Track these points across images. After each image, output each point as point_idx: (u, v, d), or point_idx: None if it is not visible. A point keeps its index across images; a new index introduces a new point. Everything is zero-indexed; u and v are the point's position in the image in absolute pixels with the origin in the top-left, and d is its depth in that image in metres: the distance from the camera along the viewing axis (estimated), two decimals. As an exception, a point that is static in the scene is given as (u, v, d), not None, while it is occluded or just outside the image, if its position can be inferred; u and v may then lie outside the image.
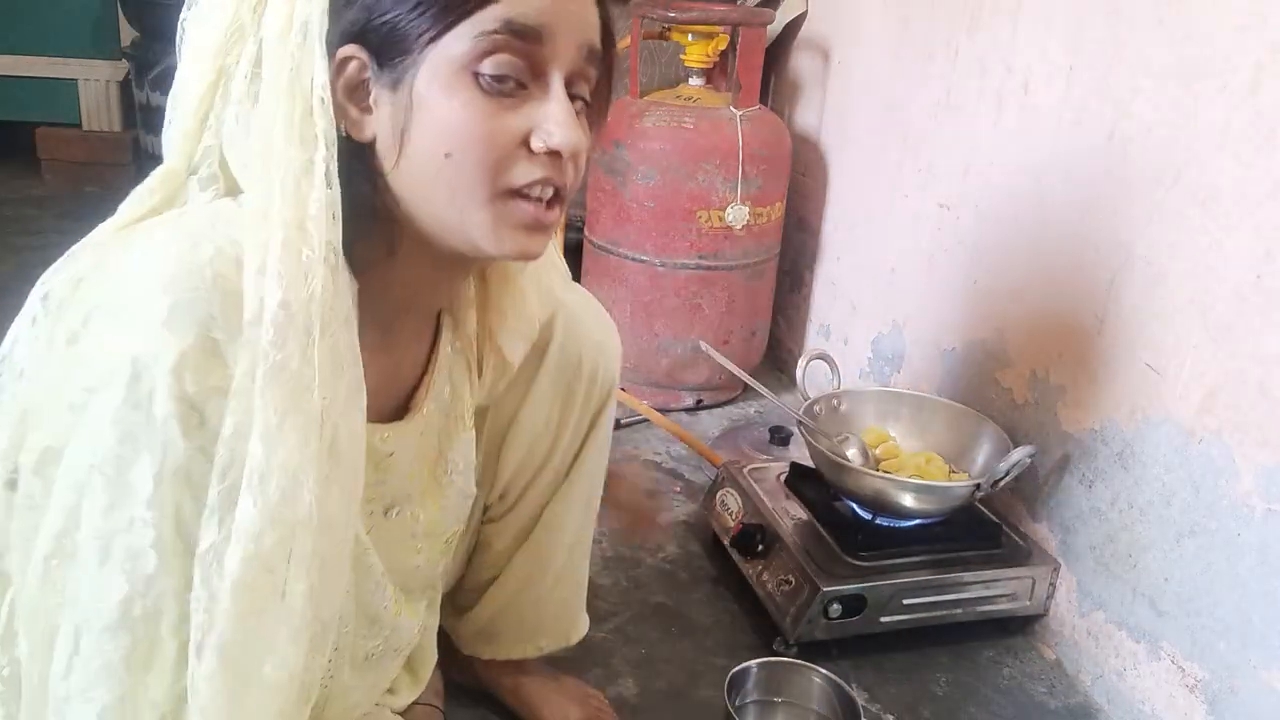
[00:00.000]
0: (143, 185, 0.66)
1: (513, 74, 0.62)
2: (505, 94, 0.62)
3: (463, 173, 0.62)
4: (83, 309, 0.58)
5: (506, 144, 0.63)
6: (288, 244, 0.58)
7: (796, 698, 1.11)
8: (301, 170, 0.59)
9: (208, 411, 0.56)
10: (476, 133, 0.62)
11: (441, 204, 0.63)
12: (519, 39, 0.61)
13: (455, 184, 0.63)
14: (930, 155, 1.58)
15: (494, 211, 0.64)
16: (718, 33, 1.78)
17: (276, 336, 0.57)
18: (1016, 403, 1.39)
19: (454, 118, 0.61)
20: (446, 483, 0.87)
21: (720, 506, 1.42)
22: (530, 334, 0.89)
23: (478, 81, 0.61)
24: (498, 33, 0.60)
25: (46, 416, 0.58)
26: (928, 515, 1.28)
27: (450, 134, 0.62)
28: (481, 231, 0.64)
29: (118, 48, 2.90)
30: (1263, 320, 1.01)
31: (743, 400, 1.96)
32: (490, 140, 0.62)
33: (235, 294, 0.56)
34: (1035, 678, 1.27)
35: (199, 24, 0.64)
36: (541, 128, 0.63)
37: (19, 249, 2.44)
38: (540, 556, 1.04)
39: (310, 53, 0.60)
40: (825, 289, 1.96)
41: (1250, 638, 1.03)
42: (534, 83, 0.63)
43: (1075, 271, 1.26)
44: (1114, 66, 1.19)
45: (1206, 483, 1.08)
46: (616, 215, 1.79)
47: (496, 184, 0.63)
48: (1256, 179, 1.01)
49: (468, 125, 0.61)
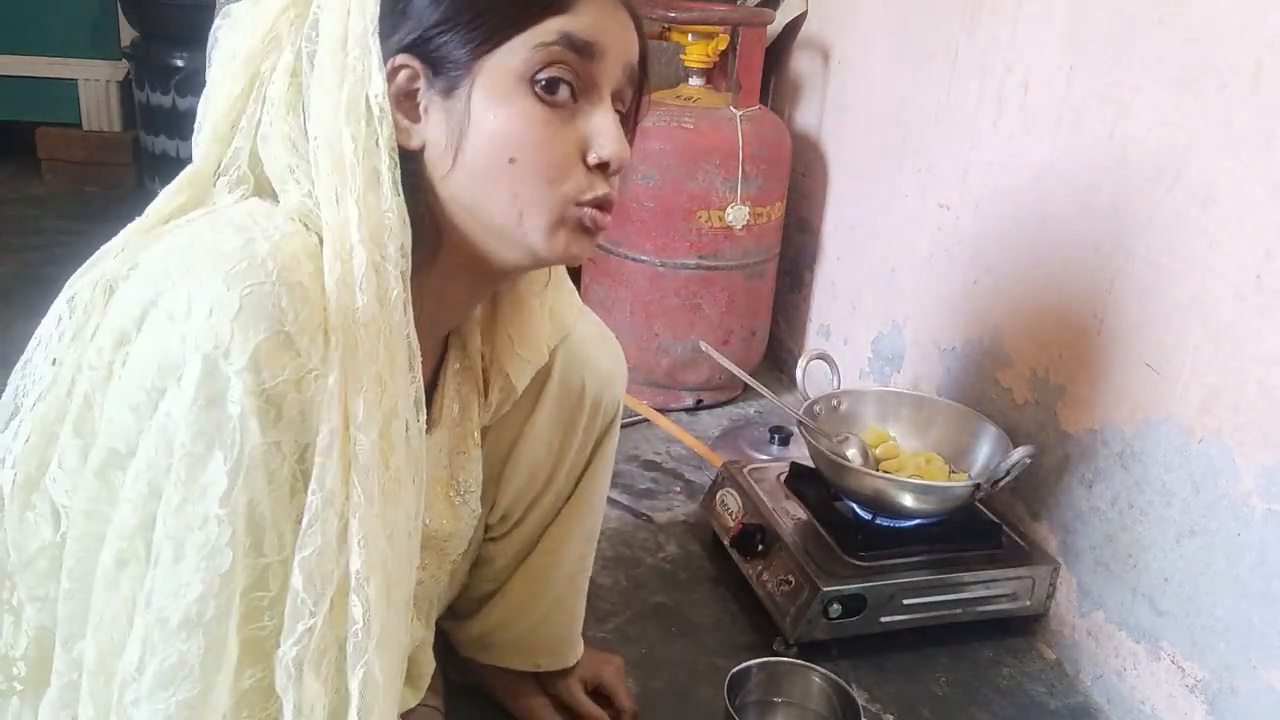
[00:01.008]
0: (169, 186, 0.66)
1: (566, 85, 0.64)
2: (560, 105, 0.64)
3: (524, 178, 0.64)
4: (131, 310, 0.57)
5: (566, 152, 0.65)
6: (368, 254, 0.59)
7: (796, 698, 1.11)
8: (368, 181, 0.60)
9: (284, 406, 0.56)
10: (538, 138, 0.64)
11: (501, 207, 0.65)
12: (575, 52, 0.63)
13: (518, 188, 0.64)
14: (930, 155, 1.58)
15: (555, 215, 0.66)
16: (718, 33, 1.78)
17: (368, 346, 0.58)
18: (1016, 403, 1.39)
19: (514, 125, 0.63)
20: (459, 504, 0.88)
21: (720, 506, 1.42)
22: (539, 359, 0.89)
23: (534, 90, 0.63)
24: (555, 44, 0.62)
25: (101, 420, 0.58)
26: (928, 515, 1.28)
27: (513, 140, 0.63)
28: (539, 234, 0.66)
29: (118, 48, 2.89)
30: (1263, 320, 1.01)
31: (743, 400, 1.96)
32: (551, 146, 0.64)
33: (300, 286, 0.56)
34: (1035, 678, 1.27)
35: (234, 30, 0.65)
36: (595, 140, 0.65)
37: (19, 249, 2.44)
38: (539, 580, 1.04)
39: (369, 64, 0.61)
40: (825, 289, 1.96)
41: (1250, 638, 1.03)
42: (584, 97, 0.66)
43: (1075, 271, 1.26)
44: (1114, 66, 1.19)
45: (1206, 483, 1.08)
46: (616, 215, 1.77)
47: (559, 189, 0.65)
48: (1256, 179, 1.01)
49: (529, 132, 0.63)
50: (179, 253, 0.58)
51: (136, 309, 0.57)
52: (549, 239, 0.66)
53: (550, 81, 0.63)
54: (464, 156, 0.64)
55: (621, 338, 1.93)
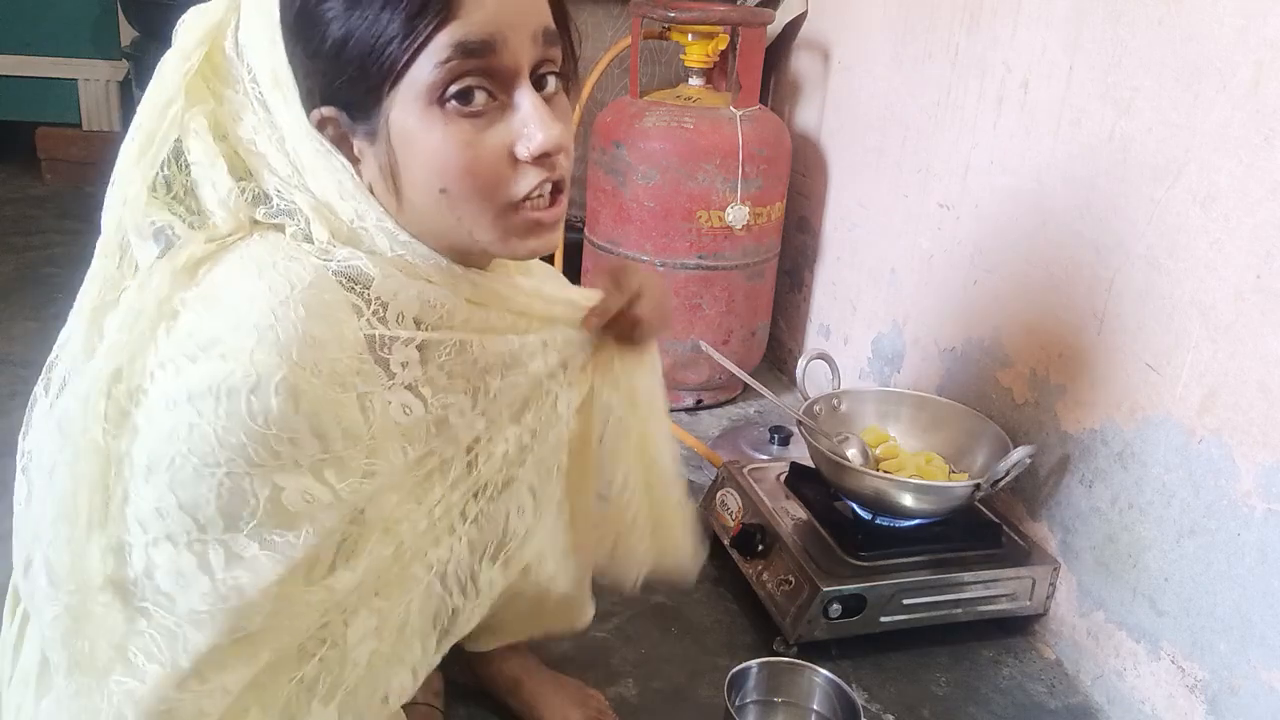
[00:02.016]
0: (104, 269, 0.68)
1: (478, 90, 0.63)
2: (478, 113, 0.63)
3: (460, 203, 0.65)
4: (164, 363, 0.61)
5: (494, 163, 0.64)
6: (414, 284, 0.66)
7: (796, 698, 1.11)
8: (377, 218, 0.66)
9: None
10: (461, 163, 0.63)
11: (451, 228, 0.66)
12: (474, 57, 0.61)
13: (458, 213, 0.65)
14: (930, 155, 1.58)
15: (502, 226, 0.66)
16: (718, 33, 1.78)
17: (418, 371, 0.65)
18: (1016, 403, 1.39)
19: (437, 154, 0.63)
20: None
21: (720, 506, 1.42)
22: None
23: (448, 109, 0.62)
24: (451, 59, 0.61)
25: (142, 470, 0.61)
26: (928, 515, 1.28)
27: (437, 170, 0.63)
28: (494, 245, 0.67)
29: (118, 48, 2.90)
30: (1263, 320, 1.01)
31: (743, 400, 1.96)
32: (477, 165, 0.64)
33: (336, 319, 0.61)
34: (1035, 678, 1.27)
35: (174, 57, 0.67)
36: (522, 135, 0.64)
37: (19, 249, 2.44)
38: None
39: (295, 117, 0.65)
40: (825, 289, 1.96)
41: (1250, 638, 1.03)
42: (503, 91, 0.64)
43: (1075, 271, 1.26)
44: (1114, 66, 1.19)
45: (1206, 483, 1.08)
46: (616, 215, 1.79)
47: (496, 202, 0.65)
48: (1256, 179, 1.01)
49: (451, 158, 0.63)
50: (211, 307, 0.62)
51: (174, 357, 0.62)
52: (505, 246, 0.68)
53: (460, 94, 0.62)
54: (404, 193, 0.65)
55: (621, 338, 1.91)
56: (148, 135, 0.65)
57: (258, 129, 0.66)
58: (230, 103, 0.66)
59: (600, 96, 2.04)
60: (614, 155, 1.76)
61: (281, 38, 0.64)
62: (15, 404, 1.64)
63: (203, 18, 0.67)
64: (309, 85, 0.64)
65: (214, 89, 0.66)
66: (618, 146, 1.75)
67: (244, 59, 0.65)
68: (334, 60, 0.62)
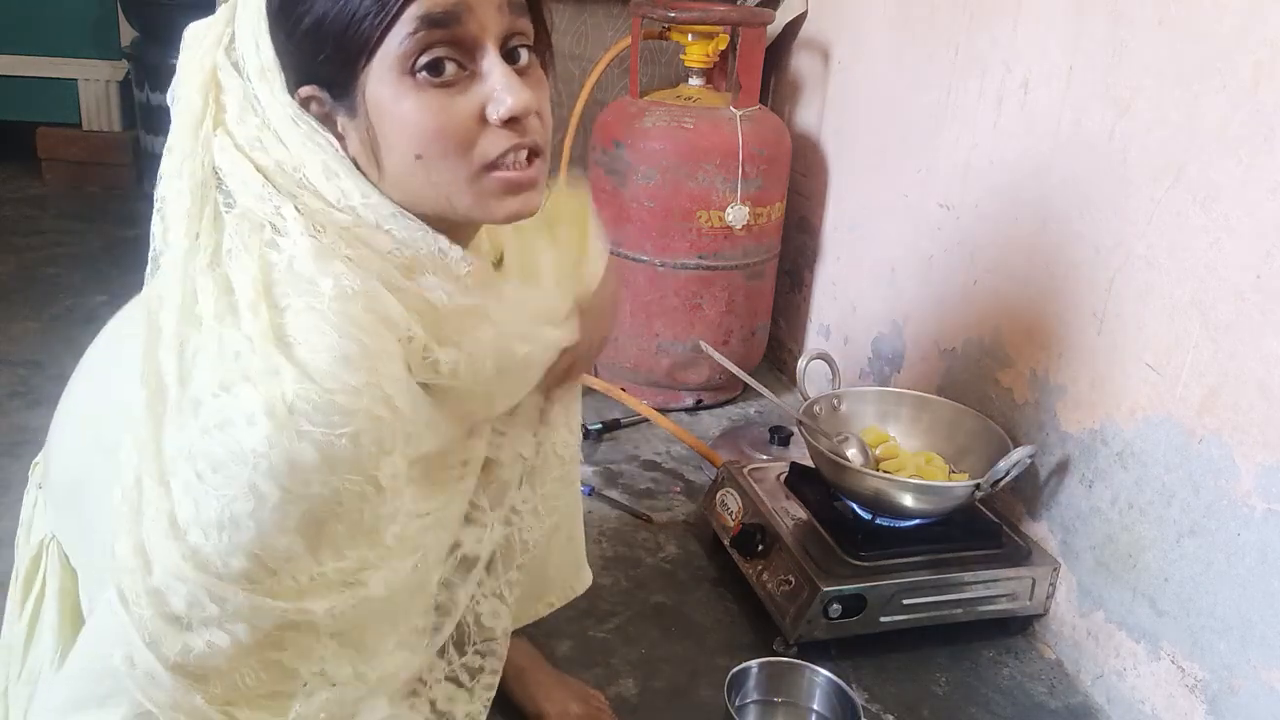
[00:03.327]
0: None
1: (447, 60, 0.65)
2: (449, 83, 0.65)
3: (436, 167, 0.67)
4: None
5: (465, 127, 0.66)
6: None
7: (796, 698, 1.11)
8: (363, 194, 0.68)
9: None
10: (433, 128, 0.65)
11: (430, 196, 0.68)
12: (440, 28, 0.64)
13: (434, 179, 0.67)
14: (930, 155, 1.58)
15: (477, 189, 0.68)
16: (718, 33, 1.78)
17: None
18: (1016, 403, 1.39)
19: (410, 121, 0.65)
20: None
21: (720, 506, 1.42)
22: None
23: (419, 79, 0.65)
24: (418, 30, 0.63)
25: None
26: (927, 515, 1.28)
27: (412, 137, 0.66)
28: (472, 209, 0.69)
29: (118, 48, 2.90)
30: (1263, 320, 1.01)
31: (743, 400, 1.96)
32: (448, 130, 0.66)
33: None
34: (1035, 678, 1.27)
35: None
36: (492, 99, 0.66)
37: (19, 249, 2.44)
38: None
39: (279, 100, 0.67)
40: (825, 289, 1.96)
41: (1250, 638, 1.03)
42: (472, 62, 0.66)
43: (1075, 271, 1.26)
44: (1114, 66, 1.19)
45: (1206, 483, 1.08)
46: (616, 215, 1.79)
47: (471, 165, 0.67)
48: (1256, 179, 1.01)
49: (424, 124, 0.65)
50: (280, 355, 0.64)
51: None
52: (482, 209, 0.69)
53: (430, 65, 0.64)
54: (384, 164, 0.67)
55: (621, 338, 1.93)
56: (182, 155, 0.68)
57: (260, 129, 0.68)
58: (232, 109, 0.68)
59: (600, 96, 2.04)
60: (614, 155, 1.76)
61: (266, 27, 0.67)
62: (15, 404, 1.65)
63: (204, 33, 0.70)
64: (293, 67, 0.66)
65: (220, 100, 0.69)
66: (618, 146, 1.75)
67: (240, 64, 0.68)
68: (313, 39, 0.64)
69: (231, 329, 0.62)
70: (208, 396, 0.61)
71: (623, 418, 1.81)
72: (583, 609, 1.26)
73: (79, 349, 0.80)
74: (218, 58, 0.68)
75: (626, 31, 2.02)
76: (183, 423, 0.61)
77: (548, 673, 1.12)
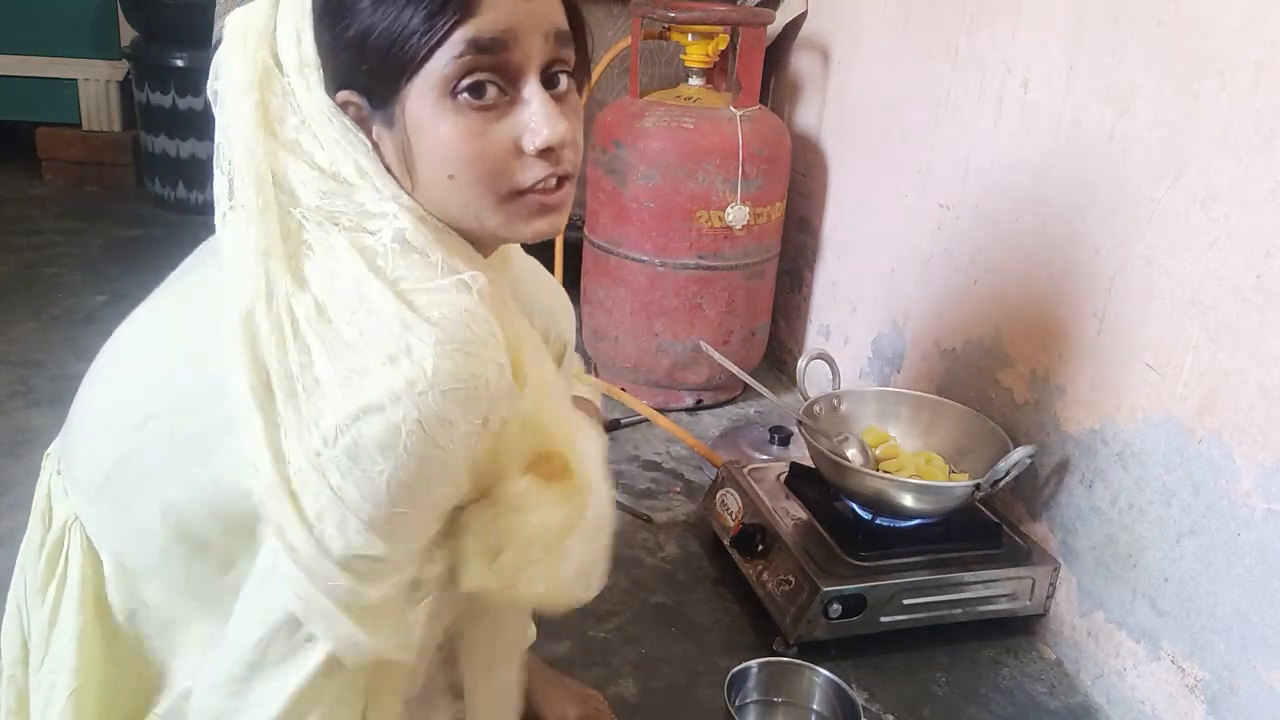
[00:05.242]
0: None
1: (489, 85, 0.65)
2: (488, 106, 0.66)
3: (467, 189, 0.68)
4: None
5: (500, 155, 0.67)
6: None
7: (796, 698, 1.11)
8: (394, 194, 0.69)
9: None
10: (469, 152, 0.66)
11: (459, 213, 0.69)
12: (487, 53, 0.64)
13: (465, 198, 0.68)
14: (930, 155, 1.58)
15: (506, 211, 0.69)
16: (718, 33, 1.78)
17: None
18: (1016, 403, 1.39)
19: (447, 142, 0.66)
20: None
21: (720, 506, 1.42)
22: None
23: (460, 101, 0.65)
24: (465, 54, 0.64)
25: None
26: (927, 515, 1.28)
27: (447, 158, 0.66)
28: (500, 227, 0.70)
29: (118, 48, 2.90)
30: (1263, 320, 1.01)
31: (743, 400, 1.96)
32: (483, 156, 0.67)
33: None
34: (1035, 678, 1.27)
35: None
36: (529, 129, 0.67)
37: (19, 249, 2.44)
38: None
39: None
40: (825, 289, 1.96)
41: (1250, 638, 1.03)
42: (513, 87, 0.67)
43: (1075, 271, 1.26)
44: (1114, 66, 1.19)
45: (1206, 483, 1.08)
46: (616, 215, 1.79)
47: (500, 190, 0.68)
48: (1256, 179, 1.01)
49: (460, 147, 0.66)
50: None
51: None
52: (509, 230, 0.70)
53: (473, 88, 0.65)
54: (417, 176, 0.68)
55: (621, 338, 1.93)
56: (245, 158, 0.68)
57: (299, 129, 0.68)
58: (273, 109, 0.68)
59: (600, 96, 2.05)
60: (614, 155, 1.76)
61: (310, 23, 0.67)
62: (15, 404, 1.65)
63: (248, 23, 0.69)
64: (333, 69, 0.67)
65: (264, 99, 0.69)
66: (618, 146, 1.75)
67: (281, 60, 0.68)
68: (358, 49, 0.65)
69: (344, 318, 0.63)
70: (335, 386, 0.61)
71: (623, 418, 1.81)
72: (583, 609, 1.25)
73: (79, 349, 0.80)
74: (265, 56, 0.68)
75: (626, 31, 2.02)
76: (317, 418, 0.62)
77: (545, 675, 1.11)
